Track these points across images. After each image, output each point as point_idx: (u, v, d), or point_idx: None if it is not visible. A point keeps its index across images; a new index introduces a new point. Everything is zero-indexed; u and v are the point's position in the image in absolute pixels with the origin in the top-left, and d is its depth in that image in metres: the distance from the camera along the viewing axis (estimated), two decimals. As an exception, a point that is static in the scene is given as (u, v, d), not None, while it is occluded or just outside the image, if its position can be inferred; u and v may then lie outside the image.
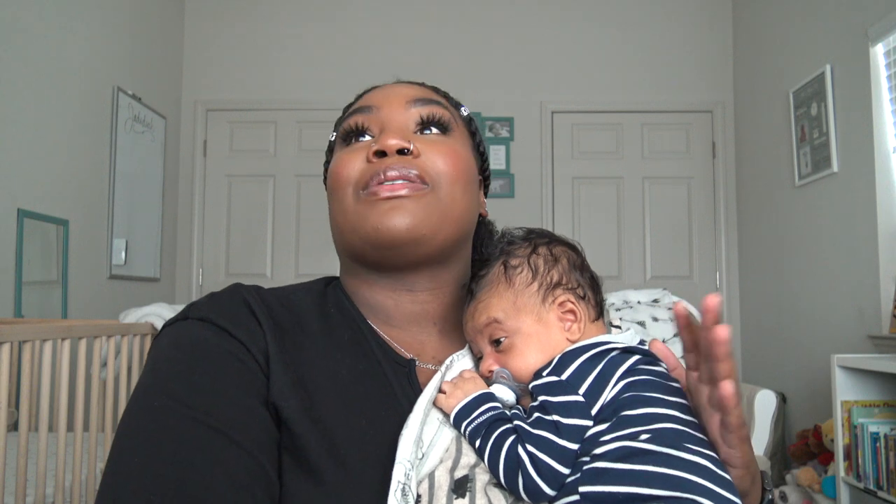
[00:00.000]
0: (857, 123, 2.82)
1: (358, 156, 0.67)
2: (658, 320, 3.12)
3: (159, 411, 0.54)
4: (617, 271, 4.03)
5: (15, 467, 1.76)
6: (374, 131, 0.69)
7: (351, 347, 0.65)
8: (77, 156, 3.09)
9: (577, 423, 0.55)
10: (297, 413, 0.57)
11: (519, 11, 4.15)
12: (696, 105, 4.09)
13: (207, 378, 0.57)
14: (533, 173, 4.08)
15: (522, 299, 0.63)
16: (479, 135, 0.78)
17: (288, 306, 0.67)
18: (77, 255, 3.06)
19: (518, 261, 0.64)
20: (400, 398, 0.62)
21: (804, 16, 3.26)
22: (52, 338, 1.79)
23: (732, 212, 4.04)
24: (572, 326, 0.63)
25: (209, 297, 0.65)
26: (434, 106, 0.70)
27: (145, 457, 0.52)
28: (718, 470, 0.52)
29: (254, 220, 4.10)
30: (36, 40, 2.78)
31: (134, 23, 3.60)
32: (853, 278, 2.85)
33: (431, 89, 0.75)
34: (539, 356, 0.61)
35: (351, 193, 0.66)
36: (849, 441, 2.36)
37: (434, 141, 0.68)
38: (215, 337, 0.60)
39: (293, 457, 0.56)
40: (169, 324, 0.63)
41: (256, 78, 4.12)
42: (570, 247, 0.68)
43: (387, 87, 0.73)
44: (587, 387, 0.56)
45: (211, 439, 0.53)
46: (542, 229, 0.69)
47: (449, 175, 0.66)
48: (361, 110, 0.70)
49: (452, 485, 0.55)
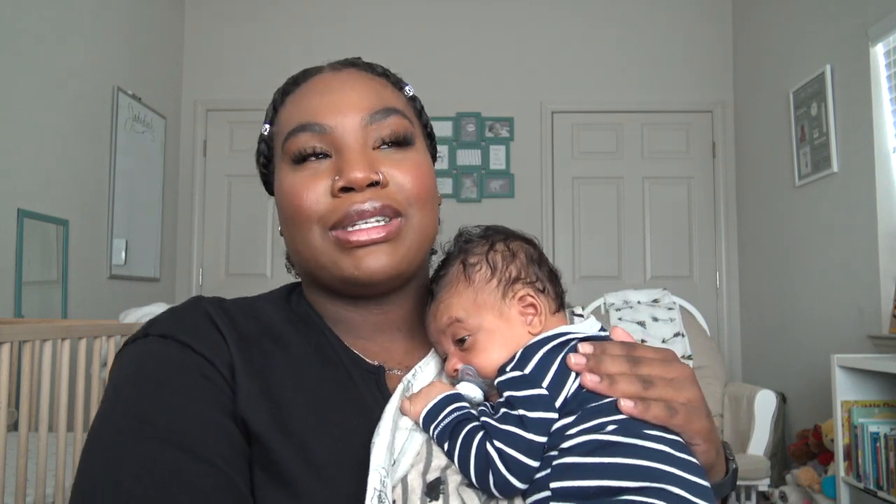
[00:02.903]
0: (857, 123, 2.82)
1: (317, 185, 0.62)
2: (658, 320, 3.12)
3: (124, 433, 0.54)
4: (617, 271, 4.02)
5: (15, 467, 1.76)
6: (330, 151, 0.64)
7: (318, 356, 0.64)
8: (77, 156, 3.09)
9: (542, 416, 0.55)
10: (266, 426, 0.57)
11: (519, 11, 4.15)
12: (696, 105, 4.09)
13: (171, 396, 0.56)
14: (533, 173, 4.08)
15: (483, 296, 0.63)
16: (424, 113, 0.73)
17: (253, 316, 0.65)
18: (77, 255, 3.06)
19: (476, 258, 0.64)
20: (370, 405, 0.61)
21: (804, 16, 3.26)
22: (51, 338, 1.79)
23: (732, 212, 4.04)
24: (533, 320, 0.63)
25: (169, 313, 0.63)
26: (392, 117, 0.65)
27: (110, 478, 0.52)
28: (681, 454, 0.54)
29: (254, 220, 4.10)
30: (36, 40, 2.78)
31: (134, 23, 3.60)
32: (853, 278, 2.85)
33: (375, 76, 0.69)
34: (503, 351, 0.61)
35: (318, 231, 0.62)
36: (849, 441, 2.36)
37: (398, 159, 0.64)
38: (178, 353, 0.59)
39: (265, 471, 0.56)
40: (130, 342, 0.62)
41: (256, 78, 4.11)
42: (527, 241, 0.68)
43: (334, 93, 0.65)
44: (550, 379, 0.57)
45: (178, 458, 0.52)
46: (498, 226, 0.69)
47: (418, 198, 0.64)
48: (310, 128, 0.63)
49: (425, 488, 0.55)
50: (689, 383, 0.58)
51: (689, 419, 0.56)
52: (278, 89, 0.71)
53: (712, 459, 0.58)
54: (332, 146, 0.63)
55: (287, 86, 0.70)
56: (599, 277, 3.95)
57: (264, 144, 0.71)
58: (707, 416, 0.58)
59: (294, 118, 0.65)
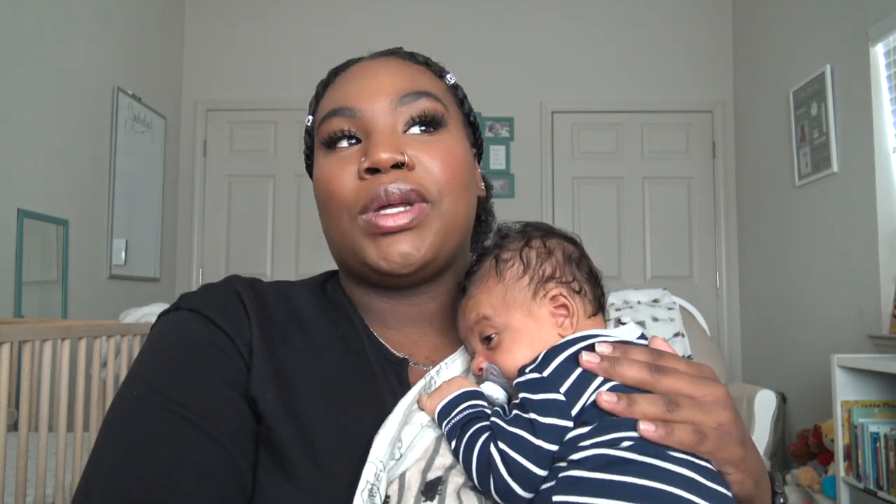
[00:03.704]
0: (857, 123, 2.82)
1: (346, 169, 0.63)
2: (658, 320, 3.12)
3: (136, 401, 0.56)
4: (617, 271, 4.02)
5: (15, 467, 1.76)
6: (361, 135, 0.64)
7: (342, 345, 0.64)
8: (77, 156, 3.09)
9: (554, 422, 0.51)
10: (274, 407, 0.57)
11: (519, 12, 4.15)
12: (696, 105, 4.09)
13: (187, 369, 0.57)
14: (533, 173, 4.08)
15: (512, 294, 0.60)
16: (467, 102, 0.73)
17: (285, 299, 0.66)
18: (77, 255, 3.06)
19: (510, 254, 0.62)
20: (387, 397, 0.60)
21: (804, 16, 3.26)
22: (51, 338, 1.79)
23: (732, 212, 4.04)
24: (565, 322, 0.59)
25: (202, 288, 0.65)
26: (423, 100, 0.64)
27: (117, 445, 0.53)
28: (708, 482, 0.48)
29: (254, 220, 4.10)
30: (36, 41, 2.78)
31: (134, 23, 3.60)
32: (853, 278, 2.85)
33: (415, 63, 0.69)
34: (528, 352, 0.57)
35: (346, 216, 0.62)
36: (849, 441, 2.36)
37: (427, 142, 0.63)
38: (201, 327, 0.60)
39: (269, 451, 0.56)
40: (163, 314, 0.64)
41: (256, 78, 4.12)
42: (568, 239, 0.65)
43: (367, 78, 0.65)
44: (569, 385, 0.53)
45: (182, 430, 0.54)
46: (539, 222, 0.66)
47: (448, 183, 0.63)
48: (342, 112, 0.64)
49: (423, 486, 0.53)
50: (721, 405, 0.52)
51: (720, 446, 0.50)
52: (321, 81, 0.72)
53: (749, 491, 0.53)
54: (362, 130, 0.63)
55: (328, 77, 0.71)
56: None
57: (307, 135, 0.72)
58: (742, 442, 0.52)
59: (329, 105, 0.66)
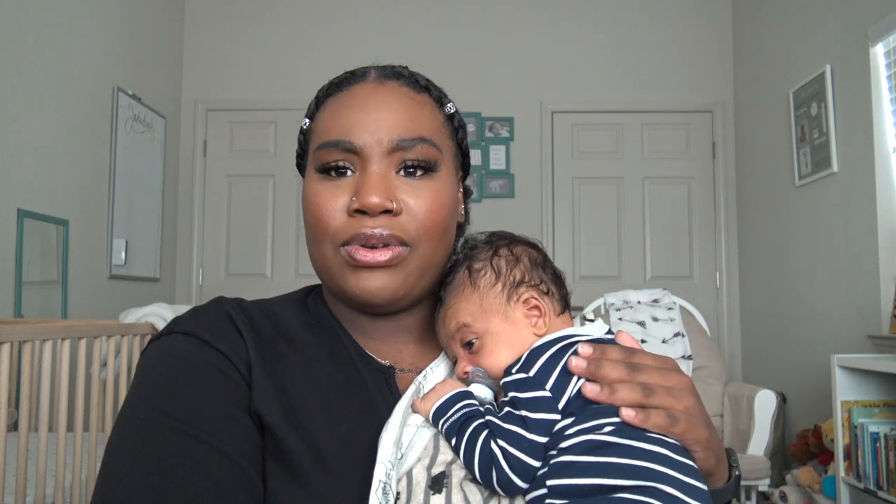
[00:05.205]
0: (857, 123, 2.82)
1: (337, 200, 0.65)
2: (658, 320, 3.12)
3: (144, 423, 0.58)
4: (617, 271, 4.02)
5: (15, 467, 1.76)
6: (355, 168, 0.66)
7: (331, 357, 0.67)
8: (77, 156, 3.09)
9: (544, 417, 0.57)
10: (279, 420, 0.60)
11: (519, 12, 4.15)
12: (696, 105, 4.09)
13: (190, 389, 0.59)
14: (533, 173, 4.08)
15: (488, 301, 0.65)
16: (462, 130, 0.74)
17: (270, 317, 0.69)
18: (77, 255, 3.06)
19: (481, 264, 0.67)
20: (379, 404, 0.64)
21: (804, 16, 3.26)
22: (52, 338, 1.79)
23: (732, 212, 4.04)
24: (538, 321, 0.65)
25: (192, 312, 0.67)
26: (420, 146, 0.66)
27: (131, 467, 0.55)
28: (678, 456, 0.55)
29: (254, 220, 4.10)
30: (36, 40, 2.78)
31: (134, 23, 3.60)
32: (853, 278, 2.85)
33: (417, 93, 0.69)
34: (509, 353, 0.63)
35: (330, 245, 0.66)
36: (849, 441, 2.36)
37: (416, 186, 0.66)
38: (198, 349, 0.62)
39: (277, 461, 0.59)
40: (154, 339, 0.66)
41: (256, 78, 4.12)
42: (531, 245, 0.70)
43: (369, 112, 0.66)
44: (553, 382, 0.59)
45: (194, 448, 0.56)
46: (502, 231, 0.71)
47: (428, 230, 0.66)
48: (340, 145, 0.66)
49: (429, 481, 0.58)
50: (687, 392, 0.60)
51: (689, 427, 0.57)
52: (323, 87, 0.73)
53: (712, 466, 0.60)
54: (357, 164, 0.66)
55: (331, 87, 0.72)
56: (599, 277, 3.95)
57: (302, 136, 0.74)
58: (706, 425, 0.59)
59: (330, 129, 0.67)
